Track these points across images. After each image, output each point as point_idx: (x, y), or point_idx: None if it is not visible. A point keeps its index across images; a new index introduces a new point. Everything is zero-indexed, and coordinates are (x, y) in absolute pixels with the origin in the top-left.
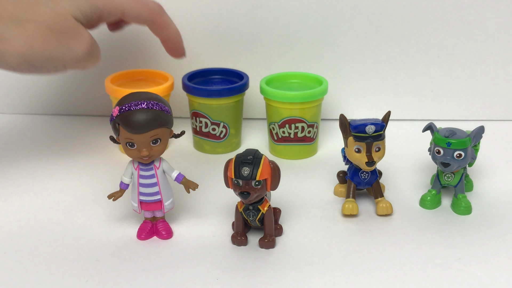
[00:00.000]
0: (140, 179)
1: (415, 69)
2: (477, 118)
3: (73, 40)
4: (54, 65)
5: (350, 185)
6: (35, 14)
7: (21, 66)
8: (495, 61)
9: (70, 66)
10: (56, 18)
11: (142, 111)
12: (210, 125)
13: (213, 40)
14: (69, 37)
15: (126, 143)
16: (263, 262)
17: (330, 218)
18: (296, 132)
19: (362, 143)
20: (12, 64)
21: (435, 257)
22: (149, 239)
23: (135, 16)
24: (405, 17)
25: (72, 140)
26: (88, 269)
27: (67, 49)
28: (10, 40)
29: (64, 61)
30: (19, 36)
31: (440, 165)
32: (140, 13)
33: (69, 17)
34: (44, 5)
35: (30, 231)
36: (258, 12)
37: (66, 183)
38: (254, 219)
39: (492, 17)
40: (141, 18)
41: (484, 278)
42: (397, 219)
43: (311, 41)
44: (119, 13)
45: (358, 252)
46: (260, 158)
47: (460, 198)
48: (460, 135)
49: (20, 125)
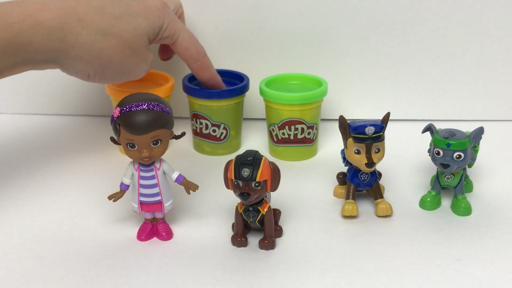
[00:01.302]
0: (140, 180)
1: (415, 69)
2: (477, 118)
3: (142, 60)
4: (121, 78)
5: (349, 187)
6: (119, 29)
7: (96, 75)
8: (495, 61)
9: (129, 80)
10: (136, 36)
11: (142, 112)
12: (211, 126)
13: (213, 41)
14: (140, 56)
15: (126, 144)
16: (263, 263)
17: (330, 219)
18: (296, 133)
19: (361, 144)
20: (89, 73)
21: (435, 258)
22: (149, 240)
23: (184, 48)
24: (405, 17)
25: (72, 140)
26: (88, 269)
27: (135, 67)
28: (95, 52)
29: (129, 76)
30: (104, 49)
31: (440, 166)
32: (190, 48)
33: (145, 37)
34: (126, 21)
35: (30, 231)
36: (258, 13)
37: (66, 184)
38: (254, 220)
39: (492, 17)
40: (188, 53)
41: (484, 278)
42: (397, 220)
43: (311, 43)
44: (174, 39)
45: (358, 253)
46: (260, 159)
47: (460, 199)
48: (459, 136)
49: (20, 125)
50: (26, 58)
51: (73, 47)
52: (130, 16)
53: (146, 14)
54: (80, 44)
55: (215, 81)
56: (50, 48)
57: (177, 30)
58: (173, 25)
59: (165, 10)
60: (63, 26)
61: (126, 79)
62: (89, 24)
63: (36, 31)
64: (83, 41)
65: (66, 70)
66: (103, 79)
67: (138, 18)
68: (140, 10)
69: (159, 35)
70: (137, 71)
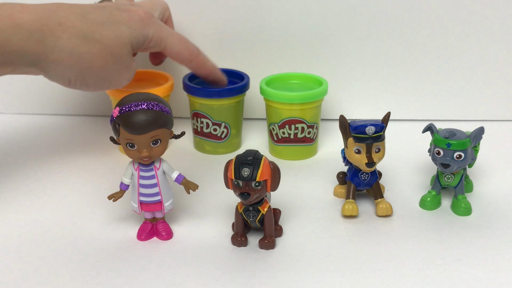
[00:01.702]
0: (140, 179)
1: (415, 69)
2: (477, 118)
3: (124, 68)
4: (102, 86)
5: (350, 186)
6: (101, 35)
7: (77, 81)
8: (495, 61)
9: (111, 88)
10: (118, 44)
11: (142, 111)
12: (212, 125)
13: (213, 40)
14: (122, 64)
15: (126, 144)
16: (263, 263)
17: (330, 219)
18: (296, 132)
19: (362, 144)
20: (70, 78)
21: (435, 258)
22: (149, 240)
23: (175, 53)
24: (405, 17)
25: (72, 140)
26: (88, 269)
27: (117, 75)
28: (76, 56)
29: (111, 84)
30: (85, 54)
31: (440, 166)
32: (181, 51)
33: (127, 45)
34: (108, 28)
35: (30, 231)
36: (258, 12)
37: (66, 184)
38: (254, 220)
39: (492, 17)
40: (181, 56)
41: (484, 278)
42: (397, 220)
43: (311, 42)
44: (162, 46)
45: (358, 253)
46: (260, 159)
47: (460, 199)
48: (460, 136)
49: (20, 125)
50: (5, 60)
51: (53, 51)
52: (112, 24)
53: (129, 23)
54: (60, 47)
55: (215, 75)
56: (29, 50)
57: (163, 38)
58: (159, 34)
59: (150, 20)
60: (43, 28)
61: (108, 87)
62: (70, 28)
63: (15, 32)
64: (63, 44)
65: (47, 74)
66: (84, 86)
67: (121, 26)
68: (123, 18)
69: (145, 45)
70: (119, 79)
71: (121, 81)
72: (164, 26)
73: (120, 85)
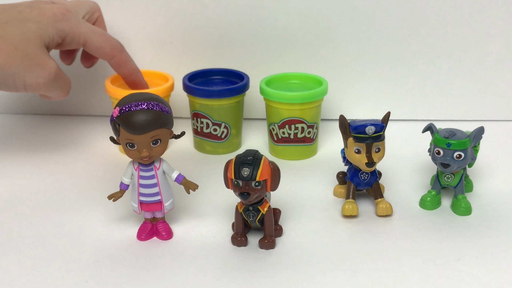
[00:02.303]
0: (140, 179)
1: (415, 69)
2: (477, 118)
3: (37, 65)
4: (15, 84)
5: (350, 186)
6: (4, 32)
7: None
8: (495, 61)
9: (32, 89)
10: (24, 39)
11: (142, 111)
12: (212, 125)
13: (213, 40)
14: (33, 60)
15: (126, 144)
16: (263, 262)
17: (330, 219)
18: (296, 132)
19: (362, 144)
20: None
21: (435, 258)
22: (149, 240)
23: (96, 48)
24: (405, 17)
25: (72, 140)
26: (88, 269)
27: (29, 71)
28: None
29: (25, 82)
30: None
31: (440, 166)
32: (102, 46)
33: (36, 41)
34: (13, 26)
35: (30, 231)
36: (258, 12)
37: (66, 184)
38: (254, 219)
39: (492, 17)
40: (102, 51)
41: (484, 278)
42: (397, 219)
43: (311, 42)
44: (82, 41)
45: (358, 252)
46: (260, 158)
47: (460, 198)
48: (460, 136)
49: (20, 125)
50: None
51: None
52: (18, 21)
53: (38, 18)
54: None
55: (135, 77)
56: None
57: (82, 33)
58: (76, 29)
59: (64, 16)
60: None
61: (23, 86)
62: None
63: None
64: None
65: None
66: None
67: (28, 23)
68: (32, 16)
69: (61, 40)
70: (33, 77)
71: (36, 80)
72: (83, 22)
73: (37, 83)
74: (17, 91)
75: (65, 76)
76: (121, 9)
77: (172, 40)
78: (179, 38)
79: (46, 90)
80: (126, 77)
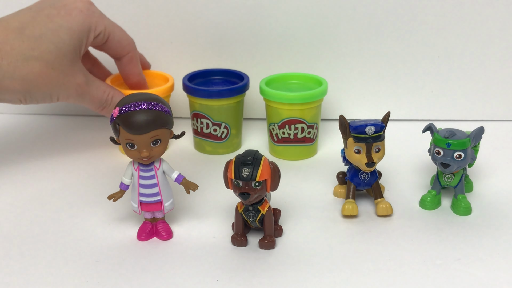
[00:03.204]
0: (140, 180)
1: (415, 69)
2: (477, 118)
3: (71, 81)
4: (52, 98)
5: (349, 186)
6: (40, 51)
7: (27, 100)
8: (495, 61)
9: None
10: (59, 56)
11: (142, 112)
12: (212, 126)
13: (213, 40)
14: (68, 77)
15: (126, 144)
16: (263, 263)
17: (330, 219)
18: (296, 132)
19: (362, 144)
20: (20, 99)
21: (435, 258)
22: (149, 240)
23: (117, 41)
24: (405, 17)
25: (72, 140)
26: (88, 269)
27: (64, 88)
28: (18, 79)
29: (59, 98)
30: (27, 74)
31: (440, 166)
32: (122, 40)
33: (71, 56)
34: (47, 41)
35: (30, 231)
36: (258, 12)
37: (66, 184)
38: (254, 220)
39: (492, 17)
40: (121, 45)
41: (484, 278)
42: (397, 219)
43: (311, 42)
44: (107, 35)
45: (358, 252)
46: (260, 159)
47: (460, 198)
48: (460, 136)
49: (20, 125)
50: None
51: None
52: (52, 33)
53: (68, 22)
54: (2, 74)
55: (141, 77)
56: None
57: (107, 26)
58: (101, 22)
59: (89, 10)
60: None
61: (60, 99)
62: (8, 52)
63: None
64: (4, 71)
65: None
66: (35, 101)
67: (60, 33)
68: (61, 20)
69: (90, 37)
70: (67, 92)
71: (70, 90)
72: (104, 15)
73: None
74: (48, 102)
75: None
76: (121, 9)
77: (172, 40)
78: (179, 38)
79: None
80: (133, 76)
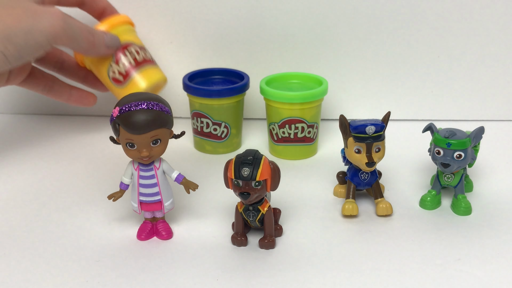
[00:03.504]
0: (140, 179)
1: (415, 69)
2: (477, 118)
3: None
4: (37, 39)
5: (350, 186)
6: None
7: (7, 48)
8: (495, 61)
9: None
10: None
11: (142, 111)
12: (212, 125)
13: (213, 40)
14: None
15: (126, 144)
16: (263, 262)
17: (330, 219)
18: (296, 132)
19: (362, 143)
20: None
21: (435, 258)
22: (149, 240)
23: None
24: (405, 17)
25: (72, 140)
26: (88, 269)
27: (38, 20)
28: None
29: (42, 31)
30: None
31: (440, 166)
32: None
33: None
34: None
35: (30, 231)
36: (258, 12)
37: (66, 184)
38: (254, 219)
39: (492, 17)
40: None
41: (484, 278)
42: (397, 219)
43: (311, 42)
44: None
45: (358, 252)
46: (260, 158)
47: (460, 198)
48: (460, 136)
49: (20, 125)
50: None
51: None
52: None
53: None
54: None
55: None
56: None
57: None
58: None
59: None
60: None
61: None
62: None
63: None
64: None
65: None
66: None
67: None
68: None
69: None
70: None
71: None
72: None
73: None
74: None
75: (77, 21)
76: (121, 9)
77: (172, 40)
78: (179, 38)
79: (67, 38)
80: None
